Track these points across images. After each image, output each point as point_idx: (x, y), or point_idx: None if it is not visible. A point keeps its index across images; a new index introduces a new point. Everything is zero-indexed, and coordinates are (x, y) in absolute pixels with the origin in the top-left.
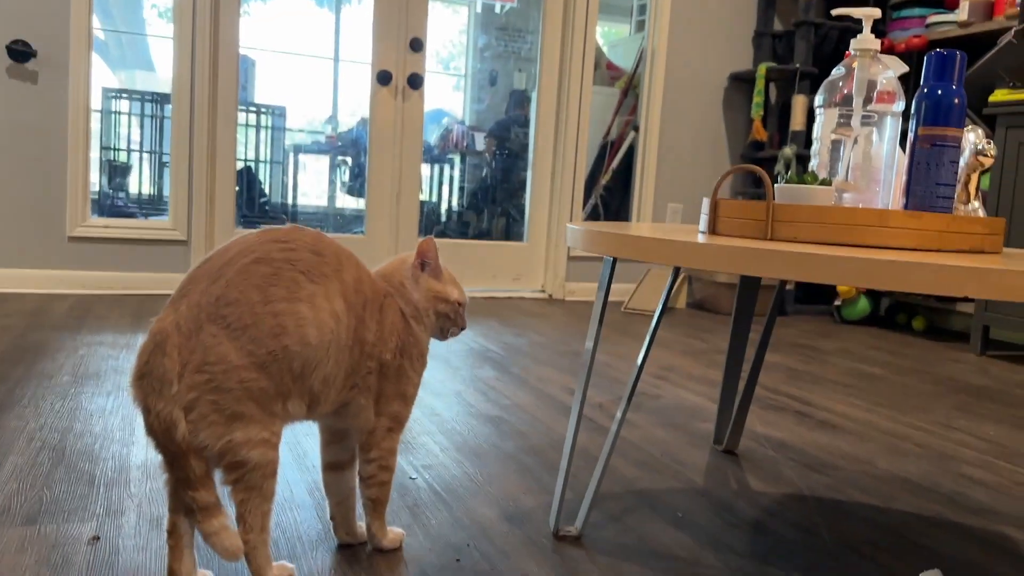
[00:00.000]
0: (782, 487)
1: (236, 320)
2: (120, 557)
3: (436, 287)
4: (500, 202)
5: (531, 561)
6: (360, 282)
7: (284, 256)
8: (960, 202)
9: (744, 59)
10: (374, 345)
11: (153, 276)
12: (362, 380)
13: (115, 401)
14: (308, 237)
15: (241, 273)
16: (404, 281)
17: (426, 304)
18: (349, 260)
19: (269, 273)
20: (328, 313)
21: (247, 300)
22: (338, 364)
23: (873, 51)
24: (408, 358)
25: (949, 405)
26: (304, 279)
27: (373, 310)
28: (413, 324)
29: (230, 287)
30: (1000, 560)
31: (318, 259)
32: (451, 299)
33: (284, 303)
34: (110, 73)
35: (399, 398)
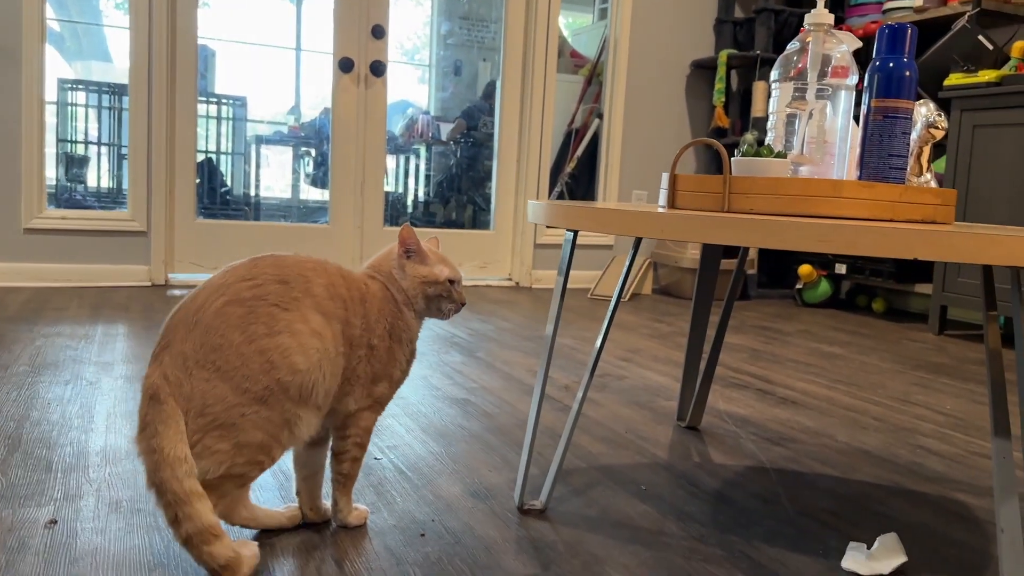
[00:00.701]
0: (743, 460)
1: (225, 363)
2: (78, 540)
3: (422, 271)
4: (466, 191)
5: (496, 533)
6: (333, 287)
7: (253, 293)
8: (913, 174)
9: (706, 46)
10: (362, 336)
11: (112, 268)
12: (353, 372)
13: (73, 390)
14: (270, 268)
15: (218, 317)
16: (392, 271)
17: (415, 290)
18: (316, 271)
19: (244, 313)
20: (309, 334)
21: (231, 342)
22: (334, 375)
23: (827, 25)
24: (398, 342)
25: (907, 381)
26: (278, 310)
27: (354, 305)
28: (404, 310)
29: (210, 332)
30: (955, 524)
31: (284, 287)
32: (440, 279)
33: (266, 338)
34: (65, 64)
35: (386, 379)
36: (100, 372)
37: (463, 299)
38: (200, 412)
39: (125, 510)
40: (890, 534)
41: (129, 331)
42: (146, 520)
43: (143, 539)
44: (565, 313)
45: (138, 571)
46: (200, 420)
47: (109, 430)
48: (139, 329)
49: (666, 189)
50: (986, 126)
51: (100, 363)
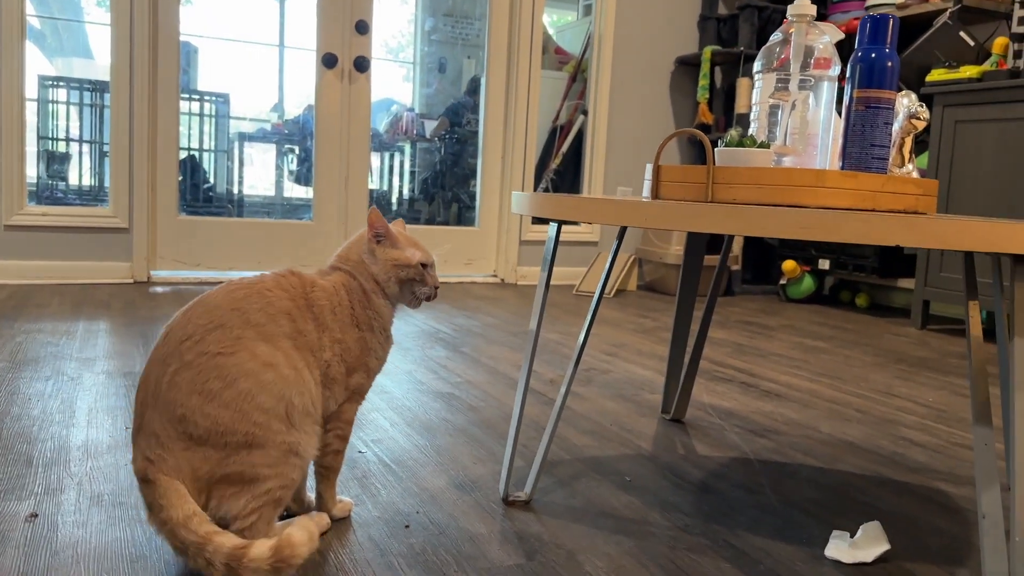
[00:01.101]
0: (728, 451)
1: (196, 429)
2: (59, 533)
3: (393, 255)
4: (451, 188)
5: (480, 524)
6: (271, 305)
7: (195, 351)
8: (895, 165)
9: (690, 43)
10: (320, 338)
11: (94, 265)
12: (327, 375)
13: (54, 385)
14: (202, 318)
15: (172, 389)
16: (363, 257)
17: (386, 275)
18: (248, 297)
19: (194, 375)
20: (262, 369)
21: (193, 408)
22: (307, 390)
23: (809, 16)
24: (368, 330)
25: (890, 375)
26: (224, 358)
27: (301, 312)
28: (375, 298)
29: (171, 406)
30: (937, 513)
31: (222, 331)
32: (412, 263)
33: (226, 391)
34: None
35: (361, 369)
36: (81, 368)
37: (436, 282)
38: (194, 477)
39: (106, 503)
40: (873, 522)
41: (111, 327)
42: (128, 513)
43: (125, 532)
44: (551, 309)
45: (119, 563)
46: (197, 483)
47: (90, 425)
48: (120, 326)
49: (650, 180)
50: (968, 121)
51: (81, 359)
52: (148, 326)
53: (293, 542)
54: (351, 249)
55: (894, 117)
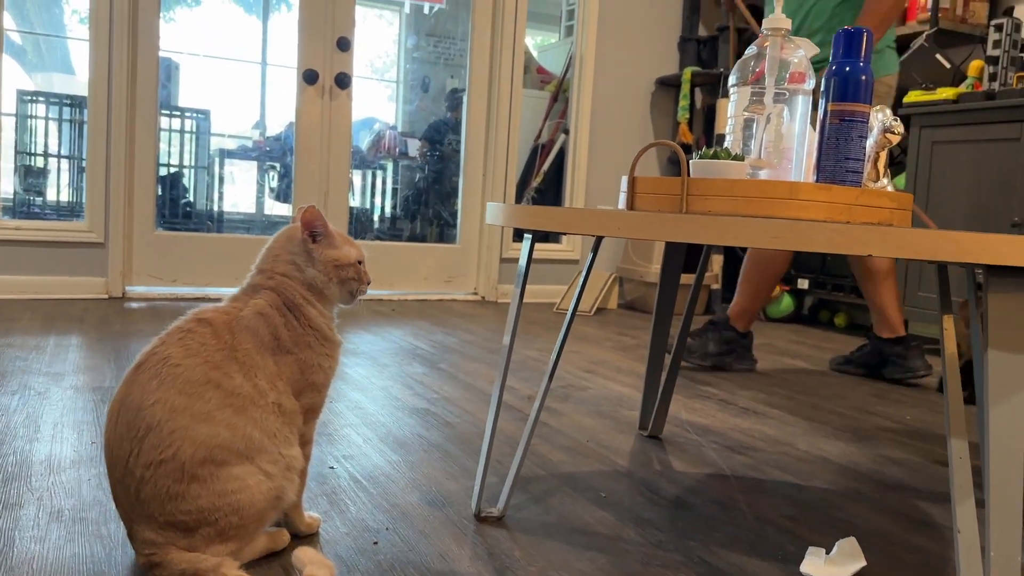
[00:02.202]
0: (704, 467)
1: (184, 525)
2: (15, 549)
3: (334, 255)
4: (433, 206)
5: (452, 541)
6: (188, 384)
7: (141, 464)
8: (870, 180)
9: (670, 64)
10: (256, 386)
11: (68, 280)
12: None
13: (20, 400)
14: (131, 428)
15: (142, 504)
16: (295, 260)
17: (326, 277)
18: (162, 383)
19: (153, 487)
20: (211, 449)
21: (171, 511)
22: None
23: (784, 30)
24: (307, 348)
25: (868, 393)
26: (168, 464)
27: (225, 373)
28: (308, 310)
29: (151, 518)
30: (914, 530)
31: (155, 434)
32: (351, 261)
33: (191, 486)
34: (26, 76)
35: (308, 389)
36: (49, 382)
37: (369, 278)
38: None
39: (67, 518)
40: (849, 539)
41: (82, 342)
42: (88, 528)
43: (84, 547)
44: (531, 327)
45: None
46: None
47: (55, 439)
48: (92, 340)
49: (625, 192)
50: (944, 142)
51: (50, 373)
52: (120, 341)
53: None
54: (274, 258)
55: (869, 131)
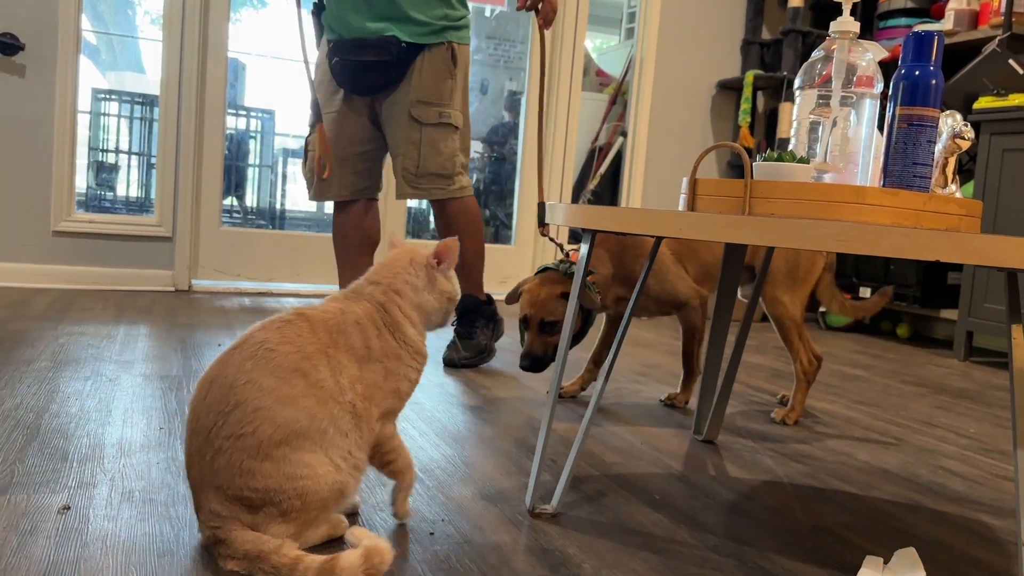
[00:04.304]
0: (760, 474)
1: (250, 502)
2: (89, 526)
3: (448, 288)
4: (489, 206)
5: (506, 535)
6: (279, 367)
7: (222, 436)
8: (938, 185)
9: (732, 67)
10: (337, 383)
11: (137, 272)
12: (354, 414)
13: (93, 385)
14: (220, 402)
15: (215, 475)
16: (414, 283)
17: (437, 304)
18: (257, 364)
19: (229, 459)
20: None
21: (241, 486)
22: (337, 440)
23: (852, 34)
24: (395, 359)
25: (930, 405)
26: (248, 438)
27: (313, 365)
28: (406, 328)
29: (221, 490)
30: (975, 543)
31: (240, 410)
32: (458, 296)
33: (264, 464)
34: (100, 75)
35: (391, 395)
36: (120, 370)
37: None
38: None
39: (137, 500)
40: (908, 549)
41: (150, 332)
42: (157, 510)
43: (154, 527)
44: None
45: (147, 556)
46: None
47: (126, 424)
48: (160, 331)
49: (686, 194)
50: (1016, 150)
51: (120, 361)
52: (186, 332)
53: (381, 549)
54: (394, 275)
55: (938, 136)
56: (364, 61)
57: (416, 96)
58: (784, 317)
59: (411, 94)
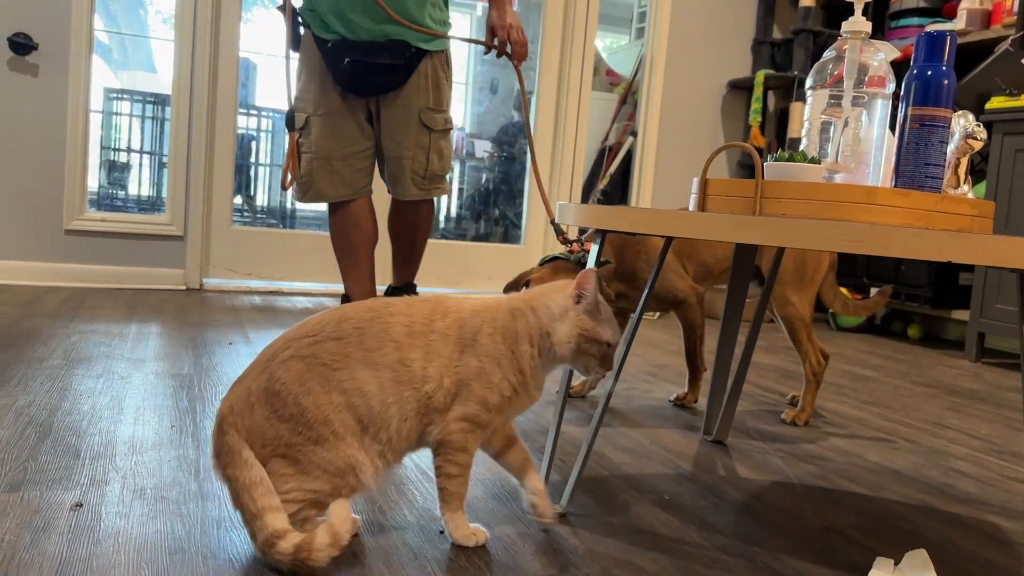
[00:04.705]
0: (770, 474)
1: (283, 408)
2: (101, 523)
3: (586, 324)
4: (499, 206)
5: (516, 535)
6: (385, 332)
7: (311, 351)
8: (949, 186)
9: (742, 67)
10: (424, 369)
11: (148, 271)
12: (428, 405)
13: (105, 383)
14: (330, 325)
15: (282, 367)
16: (551, 309)
17: (567, 337)
18: (374, 319)
19: (303, 369)
20: (356, 393)
21: (290, 391)
22: (384, 427)
23: (864, 33)
24: (495, 365)
25: (941, 406)
26: (328, 370)
27: (411, 343)
28: (524, 346)
29: (274, 380)
30: (987, 545)
31: (337, 344)
32: (601, 339)
33: (322, 395)
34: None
35: (478, 401)
36: (131, 368)
37: (612, 367)
38: (262, 444)
39: (149, 497)
40: (918, 550)
41: (162, 331)
42: (169, 507)
43: (165, 524)
44: None
45: (159, 554)
46: (264, 450)
47: (137, 422)
48: (172, 329)
49: (696, 194)
50: None
51: (132, 359)
52: (198, 331)
53: (313, 545)
54: (539, 295)
55: (950, 137)
56: (378, 64)
57: (425, 103)
58: (794, 317)
59: (420, 100)
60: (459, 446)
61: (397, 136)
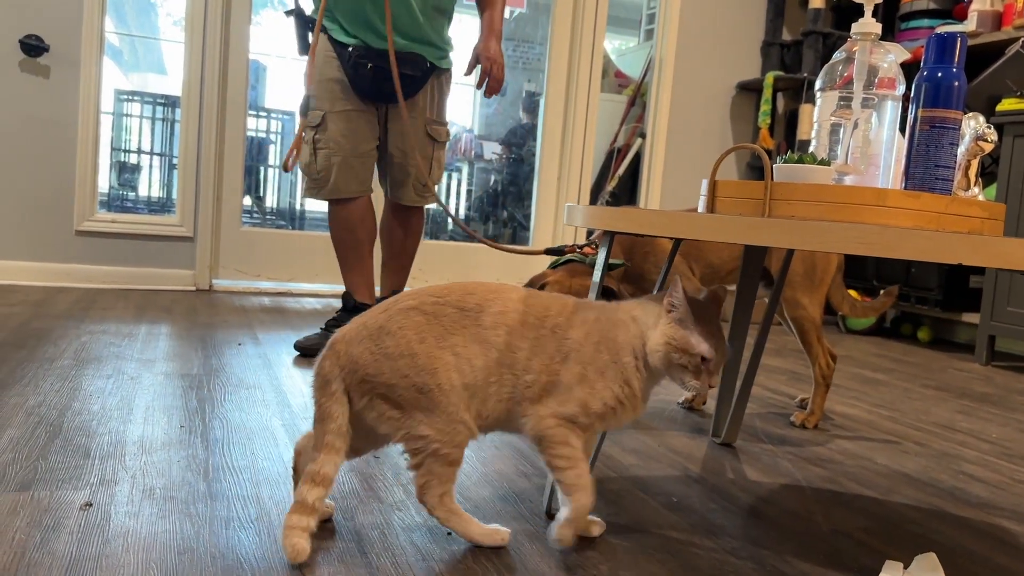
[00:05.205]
0: (779, 477)
1: (394, 349)
2: (111, 522)
3: (676, 335)
4: (507, 208)
5: (523, 537)
6: (501, 315)
7: (434, 310)
8: (960, 188)
9: (752, 68)
10: (528, 361)
11: (159, 272)
12: (521, 394)
13: (115, 383)
14: (456, 292)
15: (401, 313)
16: (647, 317)
17: (655, 346)
18: (495, 300)
19: (423, 321)
20: (464, 359)
21: (405, 336)
22: (484, 399)
23: (874, 35)
24: (598, 373)
25: (952, 409)
26: (445, 332)
27: (522, 333)
28: (625, 357)
29: (391, 321)
30: (997, 549)
31: (459, 313)
32: (691, 351)
33: (435, 348)
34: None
35: (578, 403)
36: (141, 368)
37: (712, 383)
38: (360, 378)
39: (158, 497)
40: (928, 554)
41: (171, 331)
42: (178, 507)
43: (174, 524)
44: None
45: (167, 553)
46: (362, 385)
47: (147, 422)
48: (181, 330)
49: (705, 196)
50: None
51: (142, 360)
52: (207, 331)
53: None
54: (641, 304)
55: (960, 138)
56: (399, 72)
57: (432, 116)
58: (804, 320)
59: (428, 113)
60: (559, 440)
61: (405, 144)
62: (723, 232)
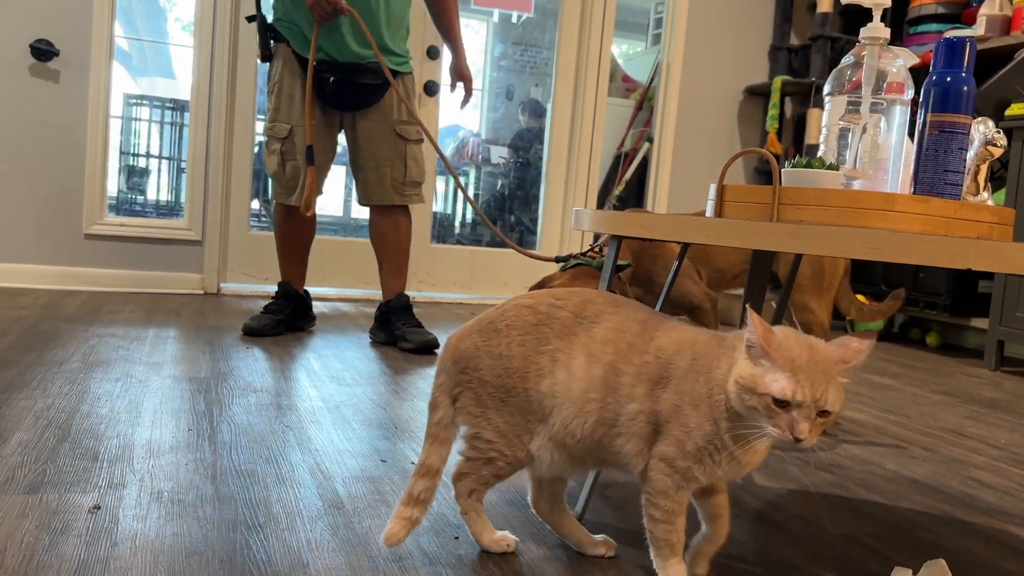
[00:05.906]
0: (787, 483)
1: (497, 347)
2: (119, 525)
3: (748, 372)
4: (514, 212)
5: (530, 540)
6: (618, 331)
7: (548, 312)
8: (969, 193)
9: (759, 72)
10: (631, 389)
11: (167, 275)
12: (625, 426)
13: (123, 386)
14: (575, 299)
15: (514, 310)
16: (725, 352)
17: (730, 387)
18: (612, 313)
19: (533, 322)
20: (564, 368)
21: (508, 333)
22: (580, 415)
23: (882, 40)
24: (693, 407)
25: (960, 414)
26: (553, 335)
27: (631, 355)
28: (718, 395)
29: (502, 317)
30: (1006, 556)
31: (573, 319)
32: (763, 391)
33: (533, 352)
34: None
35: (672, 441)
36: (149, 371)
37: (798, 435)
38: (461, 369)
39: (166, 500)
40: (937, 560)
41: (179, 335)
42: (186, 510)
43: (182, 527)
44: None
45: (175, 556)
46: (461, 376)
47: (155, 425)
48: (189, 333)
49: (713, 200)
50: None
51: (150, 363)
52: (215, 335)
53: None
54: (735, 337)
55: (969, 143)
56: (360, 83)
57: (399, 117)
58: (814, 324)
59: (394, 115)
60: (659, 488)
61: (374, 147)
62: (731, 237)
